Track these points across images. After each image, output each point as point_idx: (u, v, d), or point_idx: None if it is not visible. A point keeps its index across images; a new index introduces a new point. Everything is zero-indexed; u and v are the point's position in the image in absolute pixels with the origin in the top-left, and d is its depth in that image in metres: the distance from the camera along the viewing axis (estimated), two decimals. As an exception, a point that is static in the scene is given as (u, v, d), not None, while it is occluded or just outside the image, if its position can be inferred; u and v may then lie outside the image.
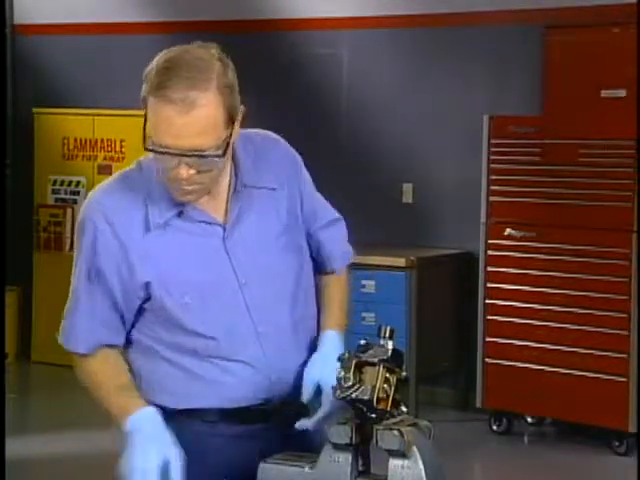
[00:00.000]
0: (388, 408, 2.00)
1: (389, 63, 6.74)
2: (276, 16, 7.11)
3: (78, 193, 7.38)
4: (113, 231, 2.21)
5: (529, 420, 6.03)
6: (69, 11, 7.67)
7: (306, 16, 6.99)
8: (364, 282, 6.07)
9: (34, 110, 7.50)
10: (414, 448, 1.96)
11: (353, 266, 2.52)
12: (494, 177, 5.86)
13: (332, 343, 2.30)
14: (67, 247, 7.39)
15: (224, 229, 2.26)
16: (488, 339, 5.89)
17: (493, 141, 5.86)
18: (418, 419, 2.06)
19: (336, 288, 2.44)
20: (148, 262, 2.21)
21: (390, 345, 2.04)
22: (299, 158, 2.42)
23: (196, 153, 2.11)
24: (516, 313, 5.79)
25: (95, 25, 7.61)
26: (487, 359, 5.89)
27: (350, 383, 1.99)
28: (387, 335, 2.05)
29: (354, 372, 1.99)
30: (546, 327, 5.71)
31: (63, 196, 7.45)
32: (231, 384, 2.22)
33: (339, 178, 6.91)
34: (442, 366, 6.30)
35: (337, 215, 2.48)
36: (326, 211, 2.46)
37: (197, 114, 2.10)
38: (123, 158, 7.20)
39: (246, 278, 2.24)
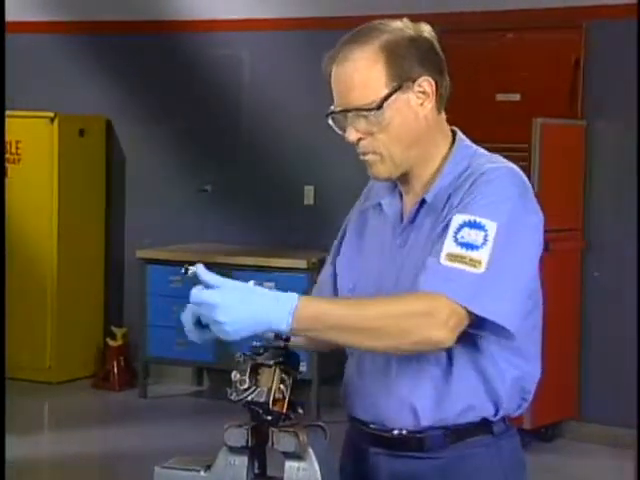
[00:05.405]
0: (284, 410, 2.00)
1: (290, 64, 6.76)
2: (178, 17, 7.08)
3: (-27, 195, 7.24)
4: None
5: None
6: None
7: (207, 17, 6.98)
8: (265, 284, 6.06)
9: None
10: (310, 450, 1.97)
11: (253, 268, 2.48)
12: (393, 179, 5.91)
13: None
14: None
15: (396, 229, 2.18)
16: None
17: (392, 143, 5.90)
18: (315, 421, 2.07)
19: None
20: (345, 238, 2.33)
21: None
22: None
23: (345, 108, 2.07)
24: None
25: (-9, 24, 7.49)
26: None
27: (246, 386, 1.98)
28: (283, 337, 2.06)
29: (250, 375, 1.99)
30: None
31: (-43, 198, 7.30)
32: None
33: (241, 179, 6.91)
34: (343, 367, 6.30)
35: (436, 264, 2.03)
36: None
37: (348, 67, 2.06)
38: (19, 160, 7.08)
39: (376, 285, 2.18)
